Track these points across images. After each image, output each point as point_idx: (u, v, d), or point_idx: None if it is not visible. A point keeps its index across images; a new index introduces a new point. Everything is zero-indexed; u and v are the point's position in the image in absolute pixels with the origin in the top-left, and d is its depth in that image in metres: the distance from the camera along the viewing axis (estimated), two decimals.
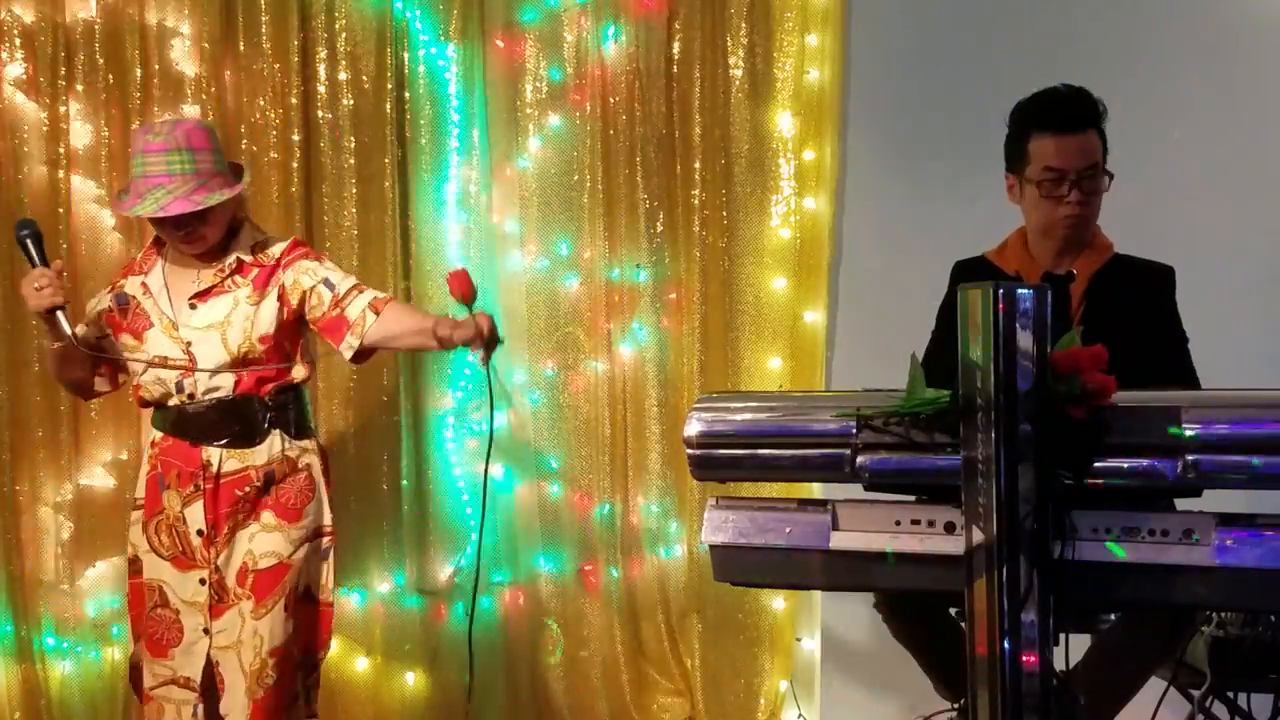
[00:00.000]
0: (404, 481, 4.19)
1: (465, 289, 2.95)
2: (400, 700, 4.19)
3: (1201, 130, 4.03)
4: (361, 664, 4.17)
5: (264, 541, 3.04)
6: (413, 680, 4.20)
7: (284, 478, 3.07)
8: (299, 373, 3.12)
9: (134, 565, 3.16)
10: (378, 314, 3.06)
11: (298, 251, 3.12)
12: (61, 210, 3.93)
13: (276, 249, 3.12)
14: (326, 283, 3.08)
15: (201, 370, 3.00)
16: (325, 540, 3.15)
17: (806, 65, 4.36)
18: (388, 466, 4.18)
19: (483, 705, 4.24)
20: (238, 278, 3.06)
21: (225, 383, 3.03)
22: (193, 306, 3.05)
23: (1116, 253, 3.04)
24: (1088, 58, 3.97)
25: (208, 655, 3.05)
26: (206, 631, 3.05)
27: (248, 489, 3.04)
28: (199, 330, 3.03)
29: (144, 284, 3.09)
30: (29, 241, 2.97)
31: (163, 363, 3.02)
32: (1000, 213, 3.13)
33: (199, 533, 3.04)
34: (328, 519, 3.16)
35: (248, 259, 3.07)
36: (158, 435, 3.10)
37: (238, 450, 3.04)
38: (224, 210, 3.02)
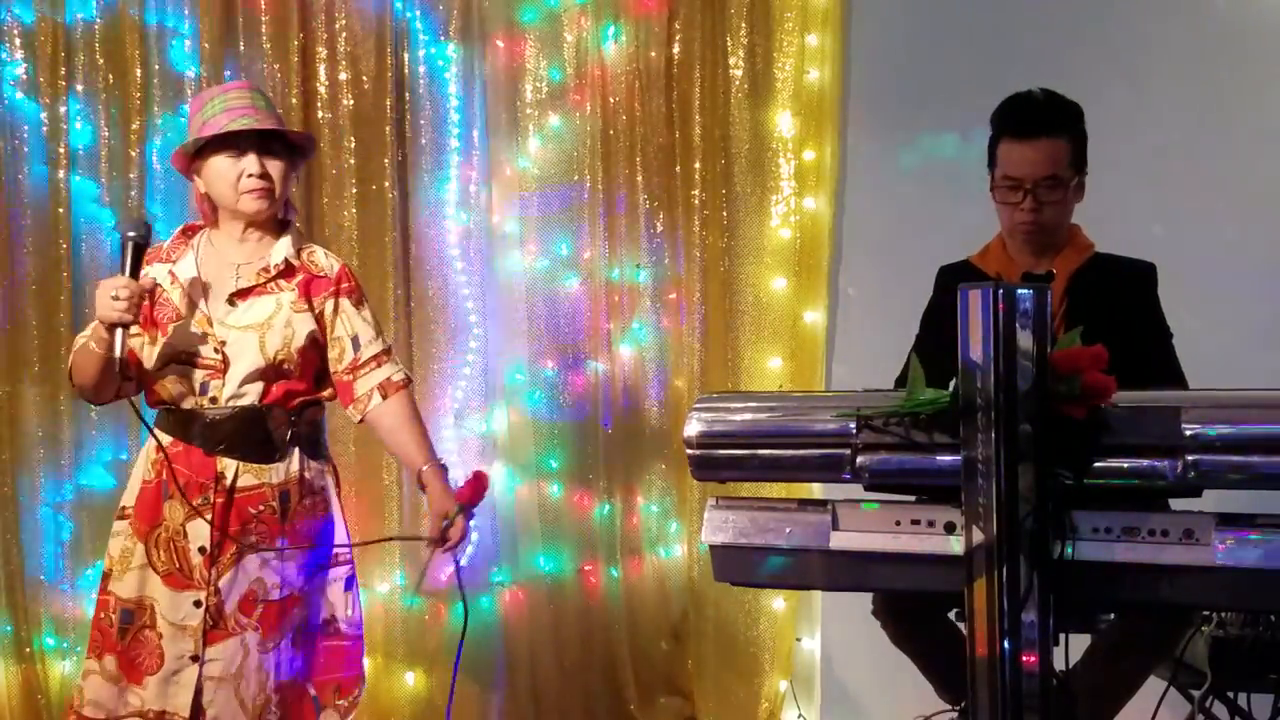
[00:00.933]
0: (404, 481, 4.19)
1: (472, 496, 2.98)
2: (400, 700, 4.19)
3: (1199, 130, 4.03)
4: None
5: (275, 571, 2.84)
6: (413, 680, 4.20)
7: (300, 500, 2.88)
8: (328, 391, 2.97)
9: (106, 580, 2.90)
10: (384, 399, 2.93)
11: (345, 285, 2.95)
12: (61, 210, 3.93)
13: (325, 262, 2.95)
14: (355, 341, 2.93)
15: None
16: (345, 569, 2.95)
17: (806, 65, 4.36)
18: (387, 466, 4.18)
19: (483, 705, 4.25)
20: (282, 281, 2.88)
21: (253, 390, 2.84)
22: (231, 303, 2.85)
23: (1097, 251, 3.05)
24: (1086, 58, 3.97)
25: (197, 685, 2.79)
26: (195, 659, 2.80)
27: (262, 508, 2.84)
28: (237, 330, 2.84)
29: (172, 273, 2.88)
30: (130, 246, 2.72)
31: (190, 357, 2.83)
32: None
33: (201, 550, 2.81)
34: (347, 544, 2.98)
35: (295, 262, 2.90)
36: (166, 440, 2.86)
37: (255, 465, 2.84)
38: (289, 178, 2.90)
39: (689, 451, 2.46)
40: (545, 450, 4.37)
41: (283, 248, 2.91)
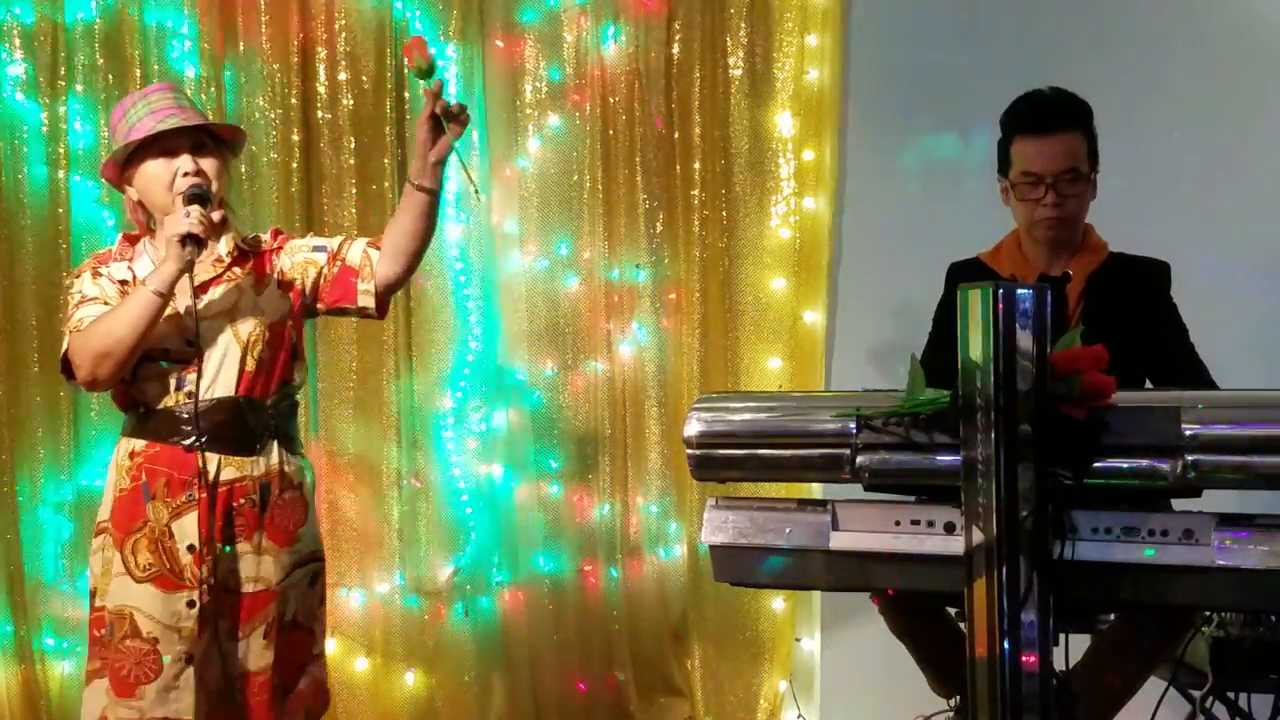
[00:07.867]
0: (403, 481, 4.19)
1: (421, 54, 2.72)
2: (400, 700, 4.19)
3: (1202, 129, 4.04)
4: (361, 664, 4.17)
5: (251, 564, 2.82)
6: (413, 680, 4.20)
7: (279, 494, 2.85)
8: (299, 376, 2.95)
9: (94, 597, 2.85)
10: (378, 249, 2.89)
11: (282, 236, 2.99)
12: (61, 210, 3.93)
13: (264, 238, 2.99)
14: (318, 248, 2.94)
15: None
16: (317, 566, 2.95)
17: (806, 65, 4.36)
18: (387, 466, 4.18)
19: (482, 705, 4.24)
20: (236, 269, 2.87)
21: (228, 380, 2.79)
22: (196, 295, 2.79)
23: (1112, 251, 3.05)
24: (1087, 58, 3.98)
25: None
26: (190, 659, 2.75)
27: (243, 500, 2.81)
28: (206, 320, 2.79)
29: (131, 269, 2.86)
30: (193, 196, 2.74)
31: (164, 354, 2.78)
32: (1000, 213, 3.13)
33: (190, 548, 2.77)
34: (319, 544, 2.98)
35: (244, 246, 2.90)
36: (139, 444, 2.82)
37: (236, 458, 2.81)
38: (223, 176, 2.85)
39: (689, 451, 2.46)
40: (545, 450, 4.37)
41: (225, 240, 2.89)
